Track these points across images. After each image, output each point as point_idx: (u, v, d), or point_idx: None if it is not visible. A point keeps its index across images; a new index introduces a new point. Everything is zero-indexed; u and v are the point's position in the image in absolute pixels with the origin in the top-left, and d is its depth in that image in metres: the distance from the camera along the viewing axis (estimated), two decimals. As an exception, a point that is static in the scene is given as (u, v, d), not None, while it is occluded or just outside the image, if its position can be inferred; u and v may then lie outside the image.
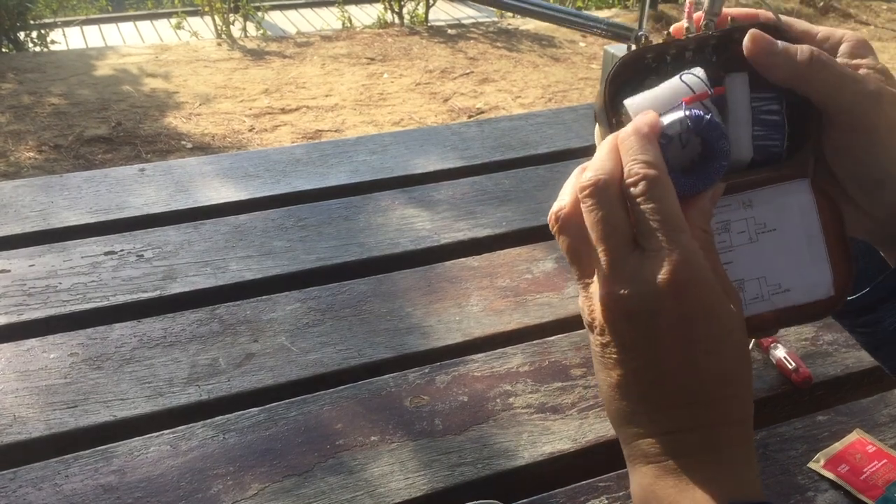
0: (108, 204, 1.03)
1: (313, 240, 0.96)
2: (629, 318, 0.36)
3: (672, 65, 0.41)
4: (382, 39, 4.37)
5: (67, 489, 0.64)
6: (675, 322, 0.35)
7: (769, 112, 0.41)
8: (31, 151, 2.92)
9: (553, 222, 0.40)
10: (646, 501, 0.37)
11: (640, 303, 0.35)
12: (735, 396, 0.37)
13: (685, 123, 0.38)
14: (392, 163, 1.14)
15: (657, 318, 0.35)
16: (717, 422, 0.36)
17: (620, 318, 0.36)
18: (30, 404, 0.72)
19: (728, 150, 0.38)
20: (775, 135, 0.41)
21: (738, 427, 0.37)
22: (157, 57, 3.99)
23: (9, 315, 0.83)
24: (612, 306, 0.36)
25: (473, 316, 0.84)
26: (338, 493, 0.63)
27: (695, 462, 0.36)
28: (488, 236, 0.98)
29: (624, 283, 0.36)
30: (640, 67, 0.41)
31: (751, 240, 0.42)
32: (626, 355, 0.37)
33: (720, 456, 0.36)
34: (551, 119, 1.28)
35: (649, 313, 0.35)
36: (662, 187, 0.36)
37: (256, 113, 3.36)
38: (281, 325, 0.82)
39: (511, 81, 3.79)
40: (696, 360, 0.36)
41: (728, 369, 0.36)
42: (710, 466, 0.36)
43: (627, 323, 0.36)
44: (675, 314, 0.35)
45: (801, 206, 0.41)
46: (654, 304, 0.35)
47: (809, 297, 0.41)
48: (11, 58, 3.98)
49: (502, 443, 0.68)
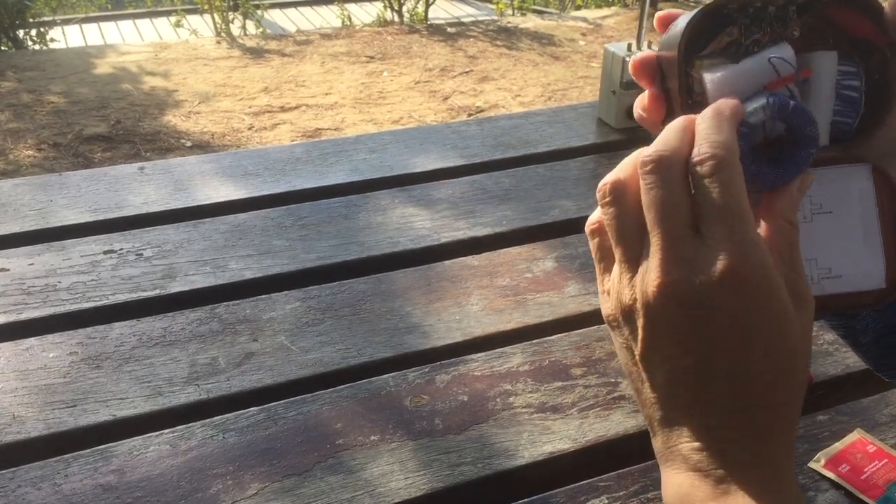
0: (108, 202, 1.03)
1: (313, 239, 0.96)
2: (683, 308, 0.33)
3: (753, 19, 0.39)
4: (382, 38, 4.36)
5: (67, 489, 0.63)
6: (732, 318, 0.32)
7: (849, 88, 0.39)
8: (30, 150, 2.91)
9: (604, 194, 0.36)
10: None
11: (697, 293, 0.32)
12: (792, 402, 0.34)
13: (769, 110, 0.36)
14: (392, 161, 1.14)
15: (714, 311, 0.32)
16: (765, 433, 0.34)
17: (674, 307, 0.33)
18: (29, 403, 0.72)
19: (817, 135, 0.36)
20: (851, 112, 0.39)
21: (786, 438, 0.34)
22: (156, 55, 3.99)
23: (8, 314, 0.82)
24: (666, 292, 0.33)
25: (473, 315, 0.83)
26: (337, 493, 0.63)
27: (740, 475, 0.33)
28: (488, 235, 0.98)
29: (681, 269, 0.33)
30: (719, 18, 0.39)
31: (805, 219, 0.40)
32: (676, 350, 0.33)
33: (766, 471, 0.34)
34: (551, 118, 1.27)
35: (706, 305, 0.33)
36: (731, 171, 0.33)
37: (256, 111, 3.36)
38: (280, 325, 0.82)
39: (511, 80, 3.79)
40: (754, 361, 0.33)
41: (783, 368, 0.33)
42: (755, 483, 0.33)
43: (681, 313, 0.33)
44: (733, 310, 0.32)
45: (861, 193, 0.40)
46: (711, 296, 0.32)
47: (859, 287, 0.40)
48: (11, 56, 3.98)
49: (502, 442, 0.68)
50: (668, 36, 0.40)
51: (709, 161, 0.33)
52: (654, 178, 0.34)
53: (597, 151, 1.18)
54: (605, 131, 1.23)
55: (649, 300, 0.33)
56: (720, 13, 0.39)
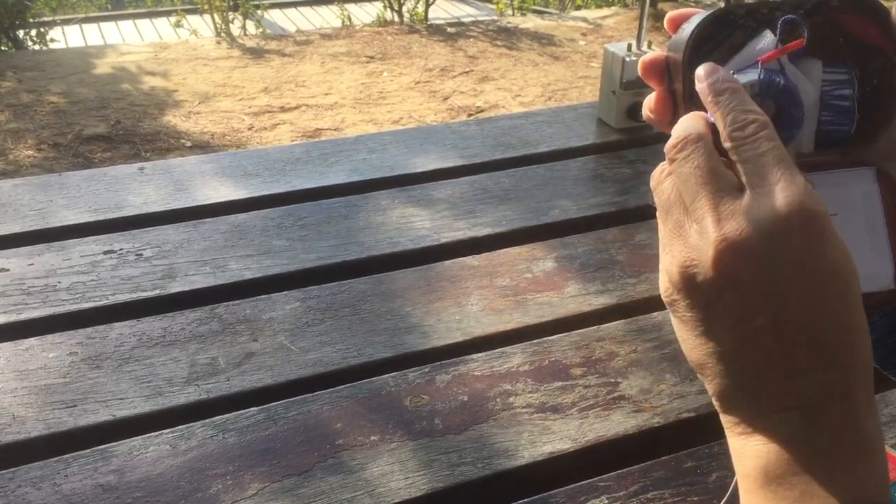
0: (108, 203, 1.03)
1: (313, 239, 0.96)
2: (746, 261, 0.30)
3: (760, 24, 0.39)
4: (382, 38, 4.36)
5: (66, 489, 0.63)
6: (800, 261, 0.30)
7: (840, 97, 0.39)
8: (30, 150, 2.91)
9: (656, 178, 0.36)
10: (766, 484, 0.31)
11: (759, 241, 0.30)
12: (866, 351, 0.31)
13: (756, 87, 0.36)
14: (392, 161, 1.14)
15: (782, 260, 0.30)
16: (860, 385, 0.31)
17: (736, 262, 0.31)
18: (29, 404, 0.72)
19: (802, 117, 0.36)
20: (844, 120, 0.40)
21: (872, 391, 0.31)
22: (156, 55, 3.99)
23: (8, 314, 0.82)
24: (724, 248, 0.31)
25: (473, 315, 0.83)
26: (337, 493, 0.63)
27: (837, 445, 0.30)
28: (488, 235, 0.98)
29: (737, 221, 0.31)
30: (726, 23, 0.39)
31: None
32: (746, 311, 0.31)
33: (854, 438, 0.31)
34: (551, 118, 1.27)
35: (769, 252, 0.30)
36: (774, 133, 0.32)
37: (256, 111, 3.36)
38: (280, 325, 0.82)
39: (511, 80, 3.79)
40: (831, 303, 0.30)
41: (858, 310, 0.31)
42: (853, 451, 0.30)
43: (744, 267, 0.31)
44: (800, 252, 0.30)
45: (865, 195, 0.40)
46: (773, 241, 0.30)
47: (867, 288, 0.39)
48: (11, 56, 3.98)
49: (502, 442, 0.68)
50: (677, 38, 0.40)
51: (752, 124, 0.33)
52: (686, 152, 0.34)
53: (597, 151, 1.18)
54: (605, 131, 1.23)
55: (707, 262, 0.31)
56: (728, 18, 0.39)
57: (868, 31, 0.39)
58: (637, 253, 0.94)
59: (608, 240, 0.96)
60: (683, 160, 0.34)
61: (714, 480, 0.65)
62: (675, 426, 0.71)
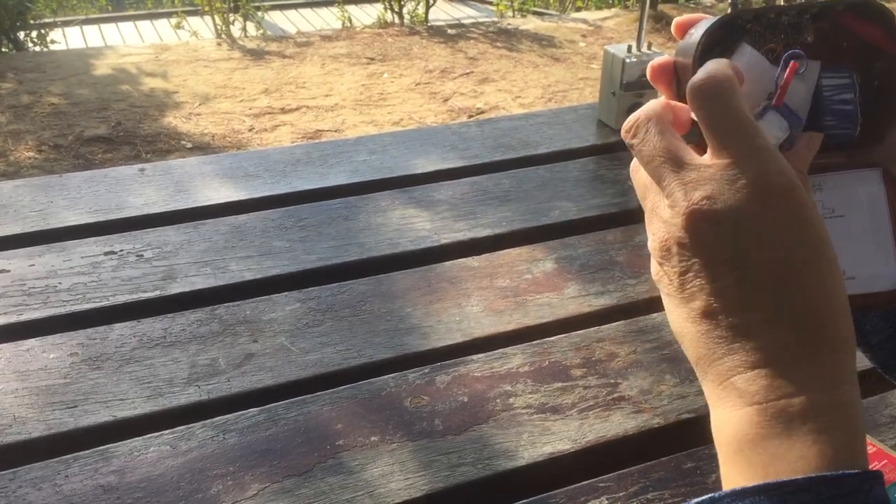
0: (108, 204, 1.03)
1: (313, 240, 0.96)
2: (716, 226, 0.32)
3: (767, 28, 0.40)
4: (382, 39, 4.37)
5: (67, 489, 0.63)
6: (766, 227, 0.31)
7: (842, 102, 0.40)
8: (30, 151, 2.92)
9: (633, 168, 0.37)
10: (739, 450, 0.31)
11: (726, 209, 0.32)
12: (840, 315, 0.32)
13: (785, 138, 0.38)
14: (392, 163, 1.14)
15: (747, 224, 0.32)
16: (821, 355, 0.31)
17: (706, 228, 0.32)
18: (29, 404, 0.72)
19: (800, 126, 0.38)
20: (848, 124, 0.40)
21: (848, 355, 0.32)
22: (156, 57, 3.99)
23: (8, 315, 0.83)
24: (696, 216, 0.32)
25: (473, 316, 0.84)
26: (338, 494, 0.63)
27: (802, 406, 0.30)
28: (488, 236, 0.98)
29: (704, 190, 0.32)
30: (734, 28, 0.40)
31: None
32: (715, 271, 0.32)
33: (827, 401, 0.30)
34: (551, 119, 1.28)
35: (737, 219, 0.32)
36: (732, 91, 0.33)
37: (256, 113, 3.36)
38: (281, 326, 0.82)
39: (511, 81, 3.79)
40: (795, 269, 0.31)
41: (829, 283, 0.32)
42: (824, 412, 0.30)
43: (714, 232, 0.32)
44: (766, 218, 0.32)
45: (871, 196, 0.41)
46: (740, 209, 0.32)
47: (871, 288, 0.41)
48: (11, 57, 3.98)
49: (502, 443, 0.68)
50: (685, 43, 0.41)
51: (707, 84, 0.33)
52: (641, 134, 0.35)
53: (597, 153, 1.18)
54: (605, 133, 1.23)
55: (680, 231, 0.33)
56: (735, 23, 0.40)
57: (872, 33, 0.40)
58: (637, 254, 0.94)
59: (608, 241, 0.96)
60: (640, 143, 0.35)
61: (714, 481, 0.65)
62: (675, 427, 0.71)
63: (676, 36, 0.42)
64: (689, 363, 0.35)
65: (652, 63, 0.41)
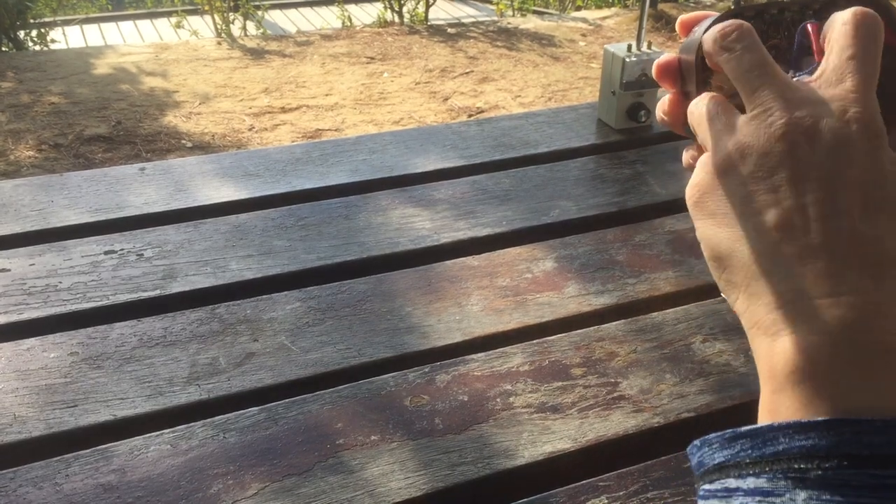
0: (108, 203, 1.03)
1: (313, 239, 0.96)
2: (812, 141, 0.31)
3: (770, 24, 0.40)
4: (382, 38, 4.37)
5: (67, 488, 0.64)
6: (865, 152, 0.31)
7: None
8: (30, 150, 2.92)
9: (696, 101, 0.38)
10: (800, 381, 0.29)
11: (826, 126, 0.31)
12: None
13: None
14: (392, 162, 1.14)
15: (847, 146, 0.31)
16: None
17: (804, 143, 0.31)
18: (30, 403, 0.72)
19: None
20: None
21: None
22: (156, 56, 3.99)
23: (8, 314, 0.83)
24: (797, 130, 0.32)
25: (473, 315, 0.84)
26: (338, 493, 0.64)
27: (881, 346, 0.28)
28: (488, 236, 0.98)
29: (810, 110, 0.32)
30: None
31: None
32: (803, 186, 0.31)
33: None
34: (551, 118, 1.28)
35: (837, 138, 0.31)
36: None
37: (256, 112, 3.36)
38: (281, 325, 0.82)
39: (511, 80, 3.79)
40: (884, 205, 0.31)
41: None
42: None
43: (811, 149, 0.31)
44: (865, 142, 0.31)
45: None
46: (842, 129, 0.31)
47: None
48: (11, 57, 3.98)
49: (502, 442, 0.68)
50: (689, 41, 0.41)
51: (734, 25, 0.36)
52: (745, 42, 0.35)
53: (597, 152, 1.18)
54: (605, 132, 1.23)
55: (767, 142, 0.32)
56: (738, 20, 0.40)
57: None
58: (637, 253, 0.94)
59: (608, 240, 0.96)
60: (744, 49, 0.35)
61: (714, 480, 0.65)
62: (675, 426, 0.71)
63: (681, 34, 0.42)
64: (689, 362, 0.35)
65: (657, 61, 0.42)
